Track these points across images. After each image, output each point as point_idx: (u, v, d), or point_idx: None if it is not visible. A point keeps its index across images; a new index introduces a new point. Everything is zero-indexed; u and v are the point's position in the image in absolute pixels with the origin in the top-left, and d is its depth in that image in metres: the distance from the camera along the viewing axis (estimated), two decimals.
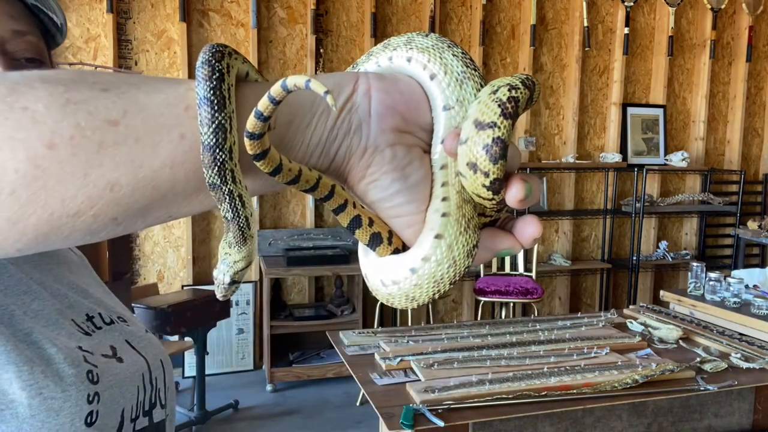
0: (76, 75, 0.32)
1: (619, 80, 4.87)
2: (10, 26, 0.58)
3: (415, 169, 0.37)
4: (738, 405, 1.93)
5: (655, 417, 1.84)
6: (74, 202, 0.30)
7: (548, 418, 1.71)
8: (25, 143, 0.28)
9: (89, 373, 0.58)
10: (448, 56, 0.37)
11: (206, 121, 0.31)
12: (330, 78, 0.36)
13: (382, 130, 0.36)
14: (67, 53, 3.81)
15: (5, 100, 0.29)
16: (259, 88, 0.34)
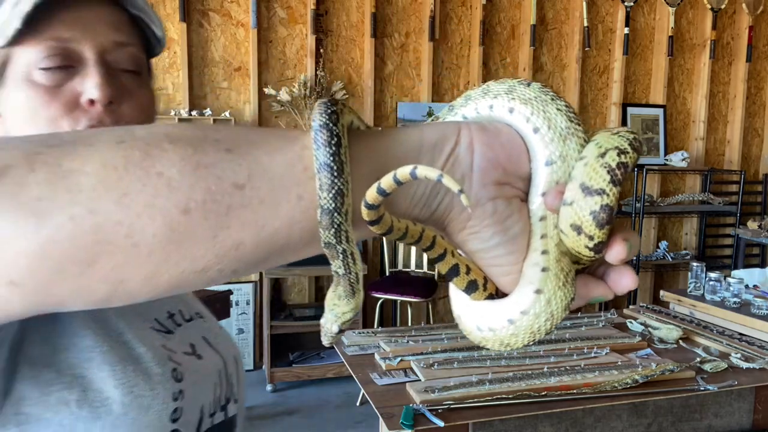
0: (199, 132, 0.33)
1: (619, 80, 4.87)
2: (112, 37, 0.60)
3: (515, 222, 0.37)
4: (738, 405, 1.93)
5: (655, 417, 1.84)
6: (203, 260, 0.32)
7: (548, 418, 1.71)
8: (162, 210, 0.30)
9: (174, 371, 0.62)
10: (552, 110, 0.37)
11: (326, 187, 0.32)
12: (434, 129, 0.36)
13: (483, 184, 0.36)
14: None
15: (141, 165, 0.30)
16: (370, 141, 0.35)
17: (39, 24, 0.57)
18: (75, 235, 0.29)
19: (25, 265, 0.29)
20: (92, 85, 0.58)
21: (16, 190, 0.29)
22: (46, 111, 0.58)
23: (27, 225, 0.29)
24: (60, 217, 0.29)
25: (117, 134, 0.32)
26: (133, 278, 0.31)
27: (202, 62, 4.11)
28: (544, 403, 1.67)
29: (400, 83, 4.52)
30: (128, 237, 0.30)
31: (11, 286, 0.30)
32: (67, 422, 0.53)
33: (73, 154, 0.30)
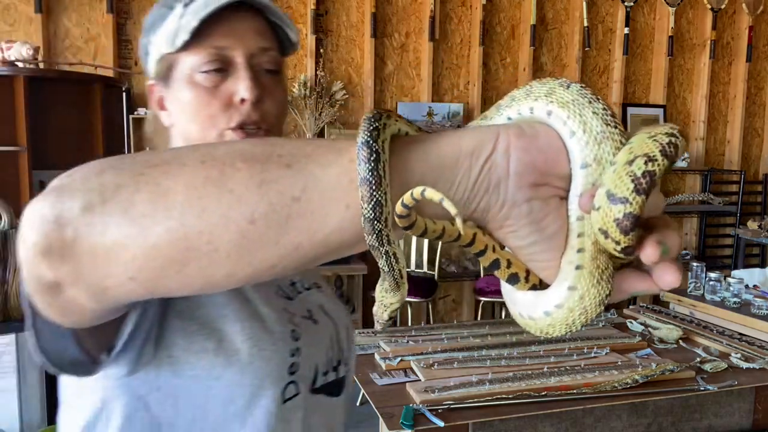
0: (267, 149, 0.39)
1: (619, 80, 4.88)
2: (258, 43, 0.72)
3: (552, 221, 0.39)
4: (738, 405, 1.93)
5: (655, 417, 1.84)
6: (270, 260, 0.38)
7: (548, 418, 1.71)
8: (234, 220, 0.37)
9: (293, 331, 0.73)
10: (588, 114, 0.38)
11: (366, 198, 0.36)
12: (473, 135, 0.38)
13: (519, 187, 0.37)
14: (67, 53, 3.81)
15: (217, 183, 0.37)
16: (411, 151, 0.39)
17: (201, 35, 0.68)
18: (170, 244, 0.37)
19: (138, 266, 0.37)
20: (244, 87, 0.70)
21: (127, 206, 0.37)
22: (206, 109, 0.71)
23: (137, 236, 0.37)
24: (159, 229, 0.37)
25: (201, 154, 0.38)
26: (217, 275, 0.38)
27: None
28: (544, 403, 1.67)
29: (400, 83, 4.52)
30: (209, 243, 0.37)
31: (131, 281, 0.38)
32: (207, 366, 0.65)
33: (168, 173, 0.37)
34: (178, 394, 0.66)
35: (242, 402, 0.67)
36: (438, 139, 0.39)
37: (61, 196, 0.38)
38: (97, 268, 0.38)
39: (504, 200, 0.38)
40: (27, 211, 0.39)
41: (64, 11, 3.80)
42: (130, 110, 3.88)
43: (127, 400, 0.66)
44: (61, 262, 0.38)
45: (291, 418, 0.72)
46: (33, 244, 0.38)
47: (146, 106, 4.12)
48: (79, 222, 0.37)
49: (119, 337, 0.57)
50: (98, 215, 0.37)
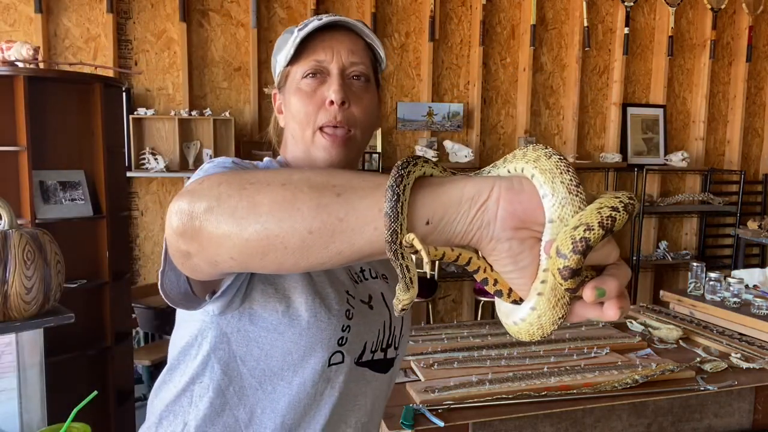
0: (326, 179, 0.53)
1: (619, 80, 4.87)
2: (350, 59, 0.91)
3: (525, 257, 0.50)
4: (738, 405, 1.93)
5: (655, 417, 1.84)
6: (322, 258, 0.53)
7: (548, 418, 1.71)
8: (299, 230, 0.52)
9: (347, 311, 0.89)
10: (558, 182, 0.48)
11: (386, 228, 0.49)
12: (475, 184, 0.50)
13: (503, 228, 0.49)
14: (67, 53, 3.81)
15: (291, 202, 0.52)
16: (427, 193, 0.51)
17: (306, 51, 0.89)
18: (258, 240, 0.53)
19: (236, 251, 0.55)
20: (333, 90, 0.88)
21: (232, 211, 0.54)
22: (304, 109, 0.89)
23: (237, 232, 0.54)
24: (251, 229, 0.53)
25: (284, 177, 0.54)
26: (286, 264, 0.55)
27: (202, 62, 4.11)
28: (544, 403, 1.67)
29: (400, 83, 4.52)
30: (282, 243, 0.53)
31: (232, 260, 0.56)
32: (275, 322, 0.84)
33: (260, 190, 0.54)
34: (251, 337, 0.85)
35: (297, 356, 0.85)
36: (449, 183, 0.51)
37: (193, 197, 0.56)
38: (212, 248, 0.56)
39: (491, 237, 0.49)
40: (172, 204, 0.57)
41: (64, 11, 3.80)
42: (130, 110, 3.88)
43: (216, 333, 0.85)
44: (191, 241, 0.57)
45: (333, 378, 0.89)
46: (175, 227, 0.57)
47: (146, 106, 4.12)
48: (203, 217, 0.55)
49: (220, 286, 0.75)
50: (214, 214, 0.54)
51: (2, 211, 1.57)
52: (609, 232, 0.45)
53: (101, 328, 2.86)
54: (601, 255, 0.48)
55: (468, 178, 0.51)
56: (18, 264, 1.55)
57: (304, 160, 0.92)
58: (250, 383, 0.87)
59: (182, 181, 4.03)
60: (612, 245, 0.48)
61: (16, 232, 1.57)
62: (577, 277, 0.46)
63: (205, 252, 0.57)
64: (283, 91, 0.96)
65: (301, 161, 0.93)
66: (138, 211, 4.06)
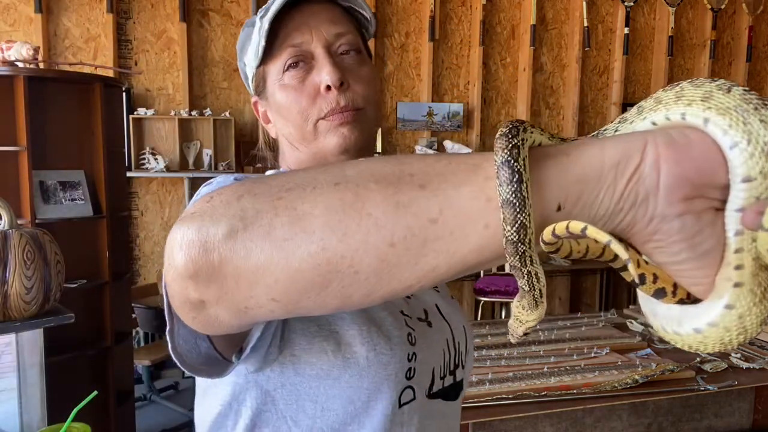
0: (396, 168, 0.39)
1: (619, 80, 4.88)
2: (333, 30, 0.73)
3: (706, 237, 0.36)
4: (738, 405, 1.93)
5: (655, 417, 1.84)
6: (407, 281, 0.39)
7: (548, 418, 1.71)
8: (373, 245, 0.37)
9: (409, 335, 0.72)
10: (755, 122, 0.34)
11: (510, 221, 0.35)
12: (617, 145, 0.36)
13: (670, 201, 0.35)
14: (67, 53, 3.81)
15: (354, 206, 0.37)
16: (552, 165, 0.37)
17: (277, 39, 0.72)
18: (313, 267, 0.38)
19: (280, 288, 0.39)
20: (326, 72, 0.71)
21: (267, 231, 0.38)
22: (297, 105, 0.73)
23: (279, 260, 0.38)
24: (301, 253, 0.38)
25: (333, 176, 0.39)
26: (356, 295, 0.39)
27: (202, 62, 4.11)
28: (544, 403, 1.67)
29: (400, 83, 4.52)
30: (351, 267, 0.38)
31: (273, 302, 0.40)
32: (326, 367, 0.66)
33: (303, 197, 0.39)
34: (300, 391, 0.68)
35: (360, 404, 0.68)
36: (578, 149, 0.37)
37: (204, 221, 0.40)
38: (241, 291, 0.40)
39: (652, 215, 0.35)
40: (172, 235, 0.41)
41: (64, 11, 3.80)
42: (130, 110, 3.88)
43: (256, 394, 0.69)
44: (207, 285, 0.40)
45: (407, 421, 0.72)
46: (182, 267, 0.40)
47: (146, 106, 4.11)
48: (223, 247, 0.39)
49: (248, 341, 0.60)
50: (241, 240, 0.39)
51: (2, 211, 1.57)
52: None
53: (101, 328, 2.87)
54: None
55: (599, 140, 0.38)
56: (18, 264, 1.55)
57: (311, 161, 0.76)
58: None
59: (182, 181, 4.03)
60: None
61: (16, 232, 1.57)
62: None
63: (230, 297, 0.41)
64: (265, 96, 0.77)
65: (309, 164, 0.77)
66: (138, 211, 4.06)
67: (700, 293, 0.37)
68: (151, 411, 3.63)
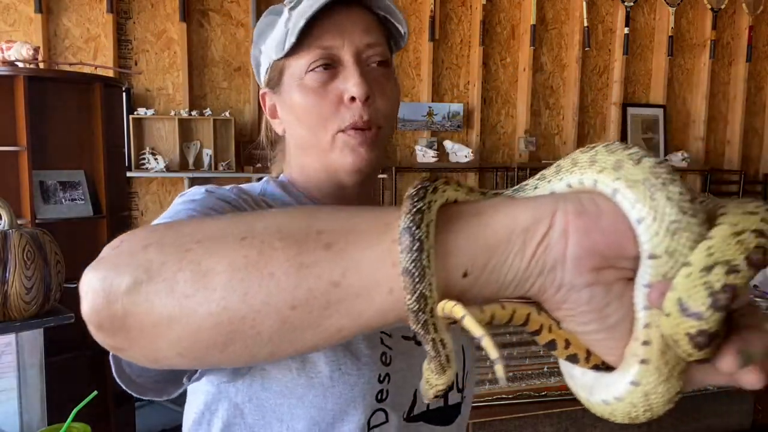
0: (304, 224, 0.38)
1: (619, 80, 4.88)
2: (365, 40, 0.70)
3: (615, 310, 0.35)
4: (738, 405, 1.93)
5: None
6: (312, 341, 0.38)
7: (548, 418, 1.71)
8: (275, 307, 0.36)
9: (383, 355, 0.68)
10: (661, 198, 0.32)
11: (409, 290, 0.34)
12: (528, 209, 0.35)
13: (578, 272, 0.34)
14: (67, 53, 3.81)
15: (257, 266, 0.36)
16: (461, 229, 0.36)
17: (307, 36, 0.68)
18: (214, 326, 0.37)
19: (184, 345, 0.38)
20: (353, 84, 0.68)
21: (171, 285, 0.37)
22: (317, 111, 0.70)
23: (180, 318, 0.37)
24: (202, 311, 0.37)
25: (242, 228, 0.38)
26: (260, 354, 0.39)
27: (202, 62, 4.11)
28: (544, 403, 1.67)
29: (400, 83, 4.51)
30: (252, 327, 0.37)
31: (179, 356, 0.39)
32: (290, 385, 0.64)
33: (210, 251, 0.37)
34: (266, 407, 0.65)
35: (324, 425, 0.65)
36: (490, 211, 0.36)
37: (108, 271, 0.39)
38: (147, 343, 0.39)
39: (561, 284, 0.34)
40: (81, 281, 0.40)
41: (64, 11, 3.80)
42: (130, 110, 3.88)
43: (227, 406, 0.67)
44: (113, 334, 0.40)
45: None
46: (87, 315, 0.40)
47: (146, 106, 4.10)
48: (126, 300, 0.38)
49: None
50: (144, 294, 0.37)
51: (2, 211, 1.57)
52: (760, 268, 0.30)
53: None
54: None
55: (512, 200, 0.36)
56: (18, 264, 1.55)
57: (320, 170, 0.73)
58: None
59: (182, 181, 4.03)
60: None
61: (16, 232, 1.57)
62: (715, 342, 0.31)
63: (139, 348, 0.40)
64: (278, 90, 0.74)
65: (315, 173, 0.74)
66: (138, 211, 4.06)
67: (613, 362, 0.37)
68: (151, 411, 3.63)
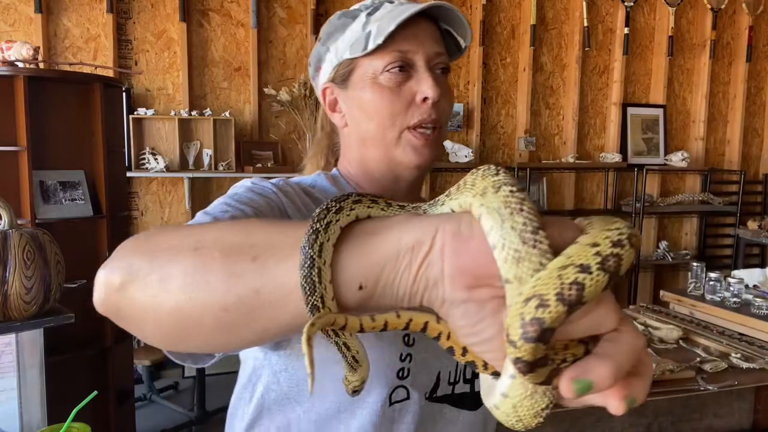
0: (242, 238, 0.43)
1: (619, 80, 4.87)
2: (435, 49, 0.79)
3: (487, 326, 0.36)
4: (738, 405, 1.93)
5: (655, 417, 1.84)
6: (249, 338, 0.44)
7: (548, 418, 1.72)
8: (212, 308, 0.42)
9: (406, 336, 0.74)
10: (507, 227, 0.34)
11: (304, 301, 0.39)
12: (414, 230, 0.38)
13: (454, 289, 0.36)
14: (67, 53, 3.81)
15: (200, 272, 0.43)
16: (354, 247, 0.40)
17: (387, 40, 0.76)
18: (173, 322, 0.44)
19: (160, 333, 0.46)
20: (427, 86, 0.77)
21: (144, 286, 0.45)
22: (390, 107, 0.77)
23: (151, 312, 0.45)
24: (165, 308, 0.44)
25: (197, 239, 0.45)
26: (215, 345, 0.46)
27: (202, 62, 4.11)
28: None
29: None
30: (198, 324, 0.43)
31: (160, 341, 0.47)
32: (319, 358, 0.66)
33: (170, 259, 0.44)
34: (298, 376, 0.74)
35: (348, 397, 0.69)
36: (385, 230, 0.39)
37: (108, 270, 0.48)
38: (137, 329, 0.48)
39: (442, 299, 0.37)
40: (97, 273, 0.49)
41: (64, 11, 3.80)
42: (130, 110, 3.88)
43: (268, 373, 0.76)
44: (116, 320, 0.48)
45: (398, 419, 0.75)
46: (96, 302, 0.49)
47: (146, 106, 4.09)
48: (116, 296, 0.46)
49: None
50: (129, 291, 0.45)
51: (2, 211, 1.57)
52: (575, 305, 0.31)
53: (101, 328, 2.87)
54: (585, 325, 0.33)
55: (410, 219, 0.39)
56: (18, 264, 1.55)
57: (381, 163, 0.81)
58: (308, 428, 0.76)
59: (182, 181, 4.03)
60: (606, 308, 0.33)
61: (16, 232, 1.57)
62: (541, 369, 0.32)
63: (135, 331, 0.48)
64: (345, 86, 0.81)
65: (376, 165, 0.82)
66: (138, 211, 4.06)
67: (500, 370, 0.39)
68: (151, 411, 3.63)
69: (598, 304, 0.33)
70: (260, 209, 0.69)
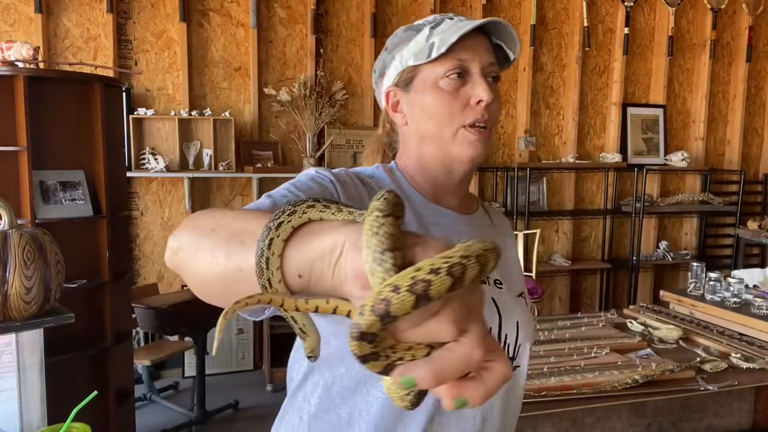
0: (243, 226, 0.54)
1: (619, 80, 4.87)
2: (488, 59, 0.90)
3: None
4: (738, 405, 1.93)
5: (655, 417, 1.84)
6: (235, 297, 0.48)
7: (548, 418, 1.71)
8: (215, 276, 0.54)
9: None
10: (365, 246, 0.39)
11: (257, 283, 0.48)
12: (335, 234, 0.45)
13: (354, 288, 0.42)
14: (67, 53, 3.81)
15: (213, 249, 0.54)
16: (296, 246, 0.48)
17: (447, 50, 0.87)
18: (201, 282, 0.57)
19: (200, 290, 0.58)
20: (482, 90, 0.87)
21: (187, 255, 0.57)
22: (448, 108, 0.88)
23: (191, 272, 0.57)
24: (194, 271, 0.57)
25: (216, 221, 0.57)
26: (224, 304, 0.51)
27: (202, 62, 4.11)
28: (544, 403, 1.67)
29: None
30: (209, 287, 0.56)
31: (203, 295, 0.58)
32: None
33: (202, 236, 0.56)
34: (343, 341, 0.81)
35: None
36: (323, 233, 0.46)
37: (172, 237, 0.60)
38: (191, 285, 0.59)
39: (351, 295, 0.43)
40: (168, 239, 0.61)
41: (64, 11, 3.80)
42: (130, 110, 3.88)
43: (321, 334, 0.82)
44: (180, 275, 0.60)
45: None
46: (166, 260, 0.62)
47: (146, 106, 4.08)
48: (175, 258, 0.59)
49: None
50: (180, 257, 0.58)
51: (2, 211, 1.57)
52: (422, 300, 0.35)
53: (101, 328, 2.86)
54: (424, 332, 0.38)
55: (342, 225, 0.46)
56: (18, 264, 1.54)
57: (437, 158, 0.92)
58: (349, 384, 0.87)
59: (182, 181, 4.03)
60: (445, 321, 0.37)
61: (16, 232, 1.56)
62: (365, 343, 0.37)
63: (191, 286, 0.59)
64: (408, 89, 0.93)
65: (433, 161, 0.92)
66: (138, 211, 4.06)
67: None
68: (151, 411, 3.63)
69: (441, 318, 0.37)
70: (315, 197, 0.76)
